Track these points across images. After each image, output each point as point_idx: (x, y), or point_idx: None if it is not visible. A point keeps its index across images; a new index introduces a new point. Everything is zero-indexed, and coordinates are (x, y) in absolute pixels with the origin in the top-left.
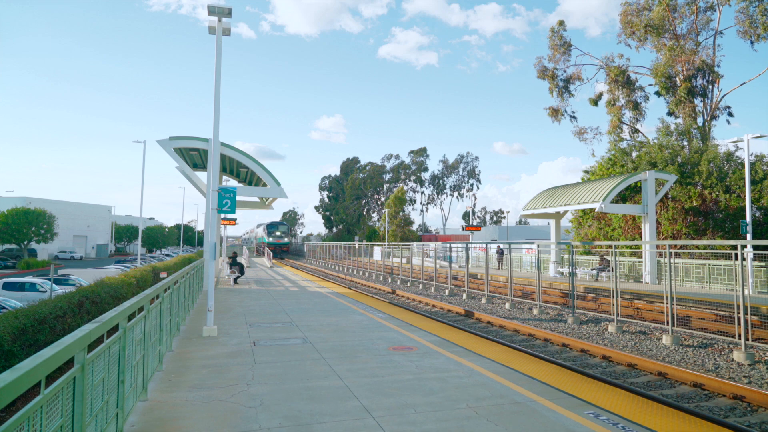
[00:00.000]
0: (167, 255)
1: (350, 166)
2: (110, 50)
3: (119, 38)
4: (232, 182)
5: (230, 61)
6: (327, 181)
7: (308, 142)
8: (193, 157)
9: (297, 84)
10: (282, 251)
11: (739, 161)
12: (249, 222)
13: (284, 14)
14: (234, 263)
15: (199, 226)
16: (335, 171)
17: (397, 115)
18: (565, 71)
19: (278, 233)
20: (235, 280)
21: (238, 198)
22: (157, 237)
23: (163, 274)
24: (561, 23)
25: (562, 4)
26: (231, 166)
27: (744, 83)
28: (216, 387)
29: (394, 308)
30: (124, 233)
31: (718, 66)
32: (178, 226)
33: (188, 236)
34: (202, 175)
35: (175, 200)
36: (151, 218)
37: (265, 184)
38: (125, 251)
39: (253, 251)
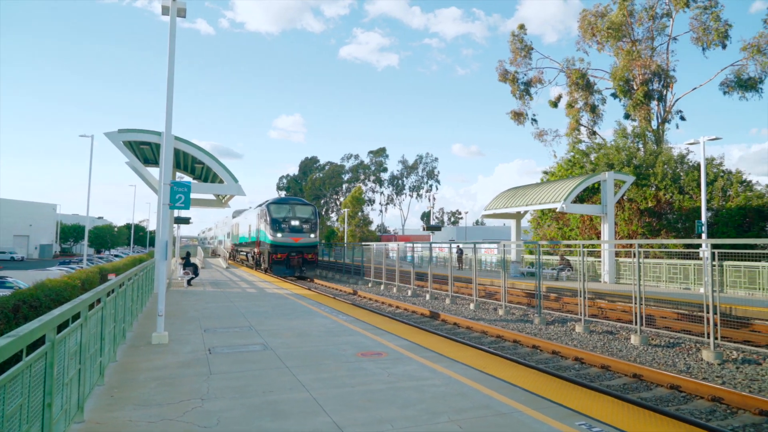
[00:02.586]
0: (117, 256)
1: (309, 165)
2: (60, 48)
3: (70, 34)
4: (187, 179)
5: (187, 57)
6: (285, 181)
7: (267, 141)
8: (144, 151)
9: (256, 82)
10: (306, 262)
11: (692, 163)
12: (203, 222)
13: (244, 11)
14: (188, 264)
15: (151, 226)
16: (294, 170)
17: (358, 116)
18: (525, 74)
19: (296, 223)
20: (188, 282)
21: (192, 195)
22: (105, 237)
23: (111, 276)
24: (521, 27)
25: (520, 11)
26: (185, 162)
27: (695, 88)
28: (166, 403)
29: (357, 310)
30: (71, 233)
31: (673, 70)
32: (128, 226)
33: (139, 236)
34: (154, 171)
35: (126, 199)
36: (99, 217)
37: (221, 181)
38: (71, 252)
39: (220, 255)
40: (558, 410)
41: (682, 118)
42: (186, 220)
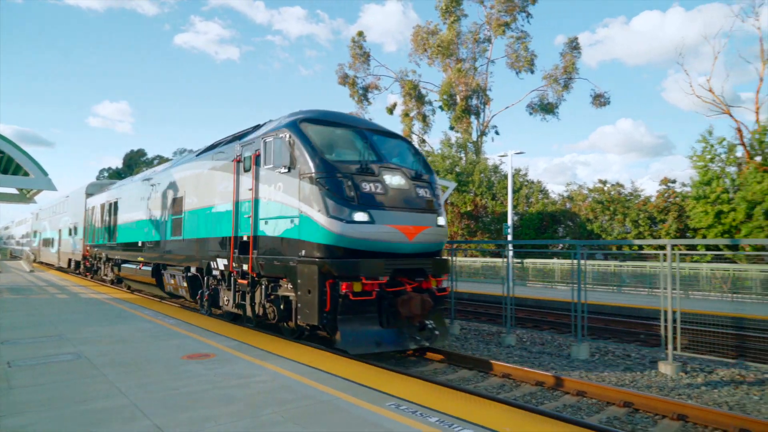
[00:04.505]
0: None
1: (135, 158)
2: None
3: None
4: None
5: None
6: (106, 174)
7: (85, 129)
8: None
9: (73, 62)
10: (436, 299)
11: (503, 173)
12: (3, 219)
13: None
14: None
15: None
16: (117, 164)
17: (193, 108)
18: (364, 80)
19: (401, 183)
20: None
21: None
22: None
23: None
24: (361, 34)
25: (363, 18)
26: None
27: (508, 107)
28: None
29: (186, 313)
30: None
31: (490, 90)
32: None
33: None
34: None
35: None
36: None
37: (27, 173)
38: None
39: (21, 257)
40: (373, 394)
41: (497, 133)
42: None
